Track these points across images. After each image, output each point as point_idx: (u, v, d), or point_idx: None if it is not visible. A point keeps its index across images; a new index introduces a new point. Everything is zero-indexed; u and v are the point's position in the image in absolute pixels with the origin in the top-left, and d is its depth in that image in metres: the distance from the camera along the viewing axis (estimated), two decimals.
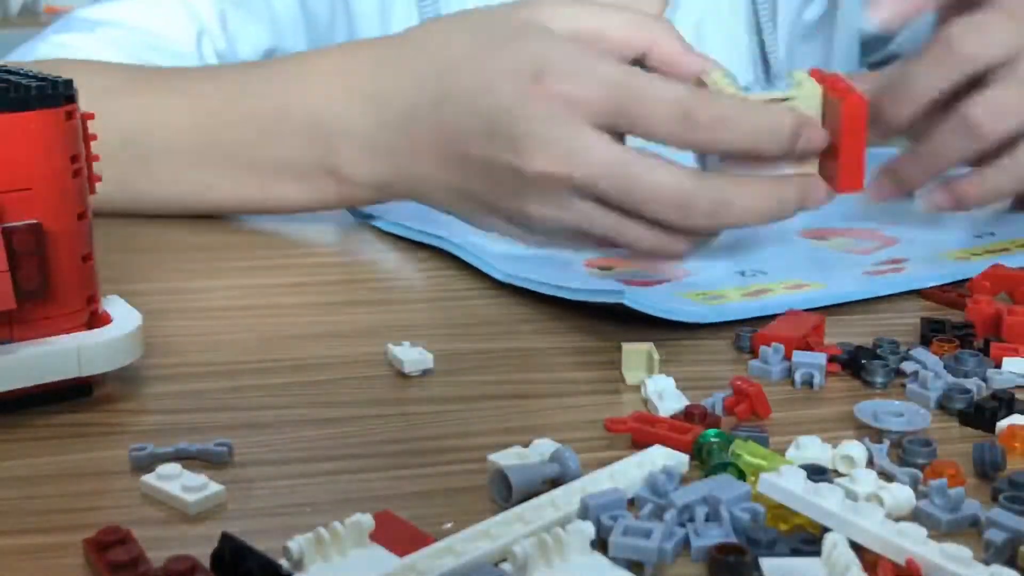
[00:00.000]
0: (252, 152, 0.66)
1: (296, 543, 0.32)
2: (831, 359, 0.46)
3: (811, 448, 0.38)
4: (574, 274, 0.56)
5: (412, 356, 0.46)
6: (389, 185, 0.62)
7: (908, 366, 0.45)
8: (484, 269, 0.58)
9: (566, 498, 0.35)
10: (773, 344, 0.46)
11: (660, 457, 0.37)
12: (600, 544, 0.33)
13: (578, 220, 0.55)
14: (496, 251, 0.60)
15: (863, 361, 0.45)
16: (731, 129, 0.53)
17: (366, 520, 0.33)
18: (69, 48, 0.80)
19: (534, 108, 0.54)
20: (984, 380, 0.45)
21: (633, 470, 0.36)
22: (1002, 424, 0.41)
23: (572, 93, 0.53)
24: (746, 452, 0.37)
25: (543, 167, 0.53)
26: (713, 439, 0.38)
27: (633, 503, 0.35)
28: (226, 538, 0.32)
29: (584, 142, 0.53)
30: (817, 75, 0.56)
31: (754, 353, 0.47)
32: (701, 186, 0.53)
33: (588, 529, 0.32)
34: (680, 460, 0.37)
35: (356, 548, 0.33)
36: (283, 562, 0.32)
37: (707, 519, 0.33)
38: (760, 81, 0.88)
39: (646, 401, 0.43)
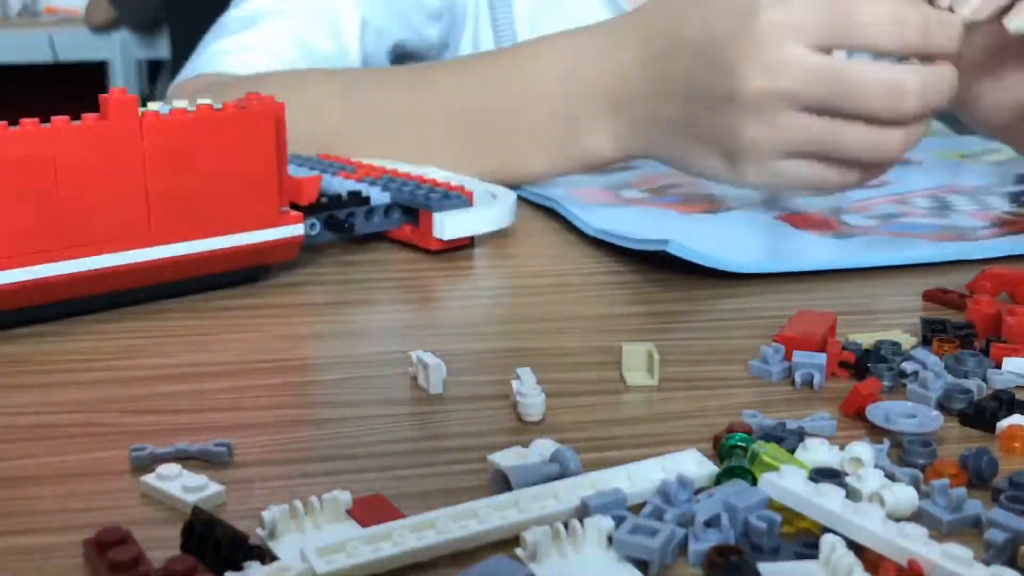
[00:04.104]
0: (497, 131, 0.76)
1: (270, 512, 0.32)
2: (841, 364, 0.46)
3: (818, 450, 0.37)
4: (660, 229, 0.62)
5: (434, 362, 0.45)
6: (623, 139, 0.71)
7: (908, 366, 0.45)
8: (577, 224, 0.68)
9: (570, 492, 0.35)
10: (773, 344, 0.46)
11: (688, 462, 0.37)
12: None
13: (793, 135, 0.60)
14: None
15: (868, 364, 0.45)
16: (943, 30, 0.59)
17: (343, 496, 0.34)
18: (229, 53, 0.91)
19: (751, 37, 0.61)
20: (984, 380, 0.45)
21: (655, 472, 0.36)
22: (1002, 424, 0.40)
23: (786, 18, 0.60)
24: (767, 454, 0.37)
25: (757, 84, 0.60)
26: (739, 442, 0.38)
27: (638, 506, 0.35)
28: (196, 511, 0.32)
29: (794, 54, 0.60)
30: None
31: None
32: (909, 69, 0.59)
33: (606, 524, 0.32)
34: (706, 470, 0.37)
35: (332, 523, 0.33)
36: (258, 531, 0.32)
37: (707, 524, 0.33)
38: None
39: None
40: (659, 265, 0.60)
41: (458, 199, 0.64)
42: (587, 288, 0.58)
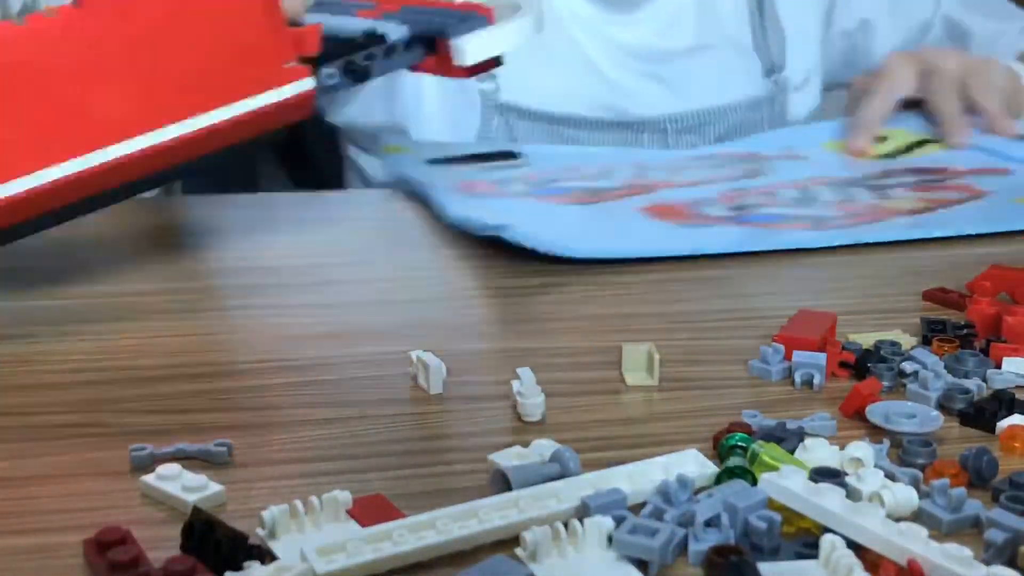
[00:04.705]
0: None
1: (270, 512, 0.32)
2: (841, 364, 0.45)
3: (819, 450, 0.38)
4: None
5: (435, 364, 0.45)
6: None
7: (908, 366, 0.45)
8: (556, 252, 0.60)
9: (570, 492, 0.35)
10: (773, 344, 0.46)
11: (688, 462, 0.37)
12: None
13: None
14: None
15: (868, 364, 0.45)
16: None
17: (343, 496, 0.34)
18: None
19: None
20: (984, 380, 0.45)
21: (655, 472, 0.36)
22: (1002, 424, 0.40)
23: None
24: (767, 454, 0.37)
25: None
26: (739, 442, 0.38)
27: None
28: (196, 512, 0.32)
29: None
30: None
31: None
32: None
33: (606, 524, 0.32)
34: (706, 470, 0.37)
35: (332, 523, 0.33)
36: (258, 531, 0.32)
37: (707, 524, 0.33)
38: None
39: None
40: (660, 266, 0.60)
41: (475, 19, 0.58)
42: (587, 288, 0.58)
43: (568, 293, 0.57)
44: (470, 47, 0.58)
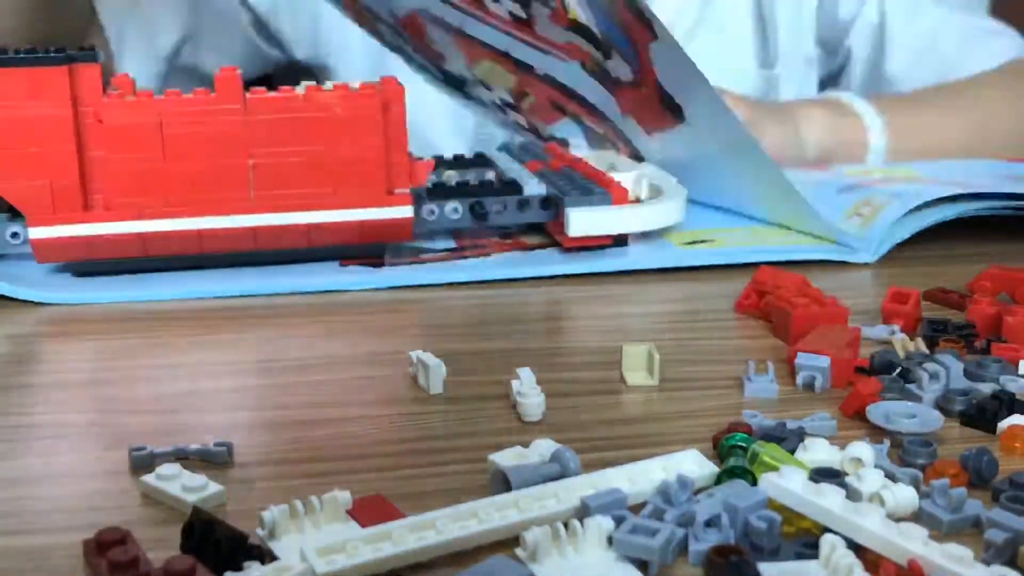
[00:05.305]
0: None
1: (270, 513, 0.32)
2: (857, 369, 0.45)
3: (818, 450, 0.37)
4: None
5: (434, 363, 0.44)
6: None
7: (928, 369, 0.44)
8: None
9: (570, 492, 0.35)
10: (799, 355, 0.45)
11: (688, 462, 0.37)
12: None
13: None
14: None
15: (890, 362, 0.45)
16: None
17: (343, 496, 0.34)
18: None
19: None
20: (1000, 386, 0.44)
21: (655, 472, 0.36)
22: (1003, 424, 0.40)
23: None
24: (767, 454, 0.37)
25: None
26: (739, 442, 0.38)
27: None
28: (196, 512, 0.32)
29: None
30: None
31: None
32: None
33: (606, 524, 0.32)
34: (706, 470, 0.37)
35: (332, 523, 0.33)
36: (258, 531, 0.32)
37: (707, 524, 0.33)
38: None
39: None
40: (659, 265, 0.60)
41: (599, 195, 0.60)
42: (588, 288, 0.58)
43: (568, 293, 0.57)
44: (575, 220, 0.59)
